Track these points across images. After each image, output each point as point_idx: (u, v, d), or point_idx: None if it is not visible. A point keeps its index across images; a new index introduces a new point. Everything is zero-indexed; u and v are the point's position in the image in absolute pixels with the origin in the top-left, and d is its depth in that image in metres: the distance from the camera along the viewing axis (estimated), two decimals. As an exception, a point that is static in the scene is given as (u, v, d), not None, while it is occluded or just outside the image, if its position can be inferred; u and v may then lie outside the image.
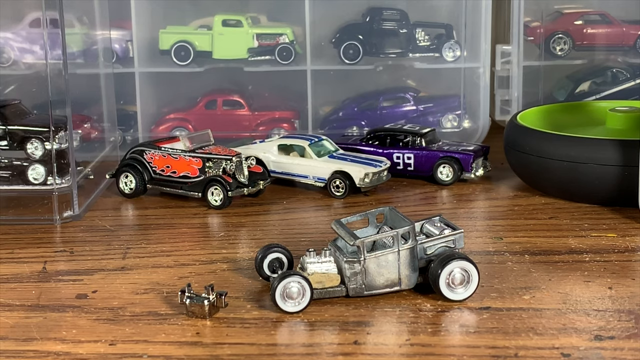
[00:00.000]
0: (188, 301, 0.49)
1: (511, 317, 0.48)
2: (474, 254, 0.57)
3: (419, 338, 0.46)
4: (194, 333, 0.47)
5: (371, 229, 0.55)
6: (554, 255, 0.59)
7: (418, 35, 0.90)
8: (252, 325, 0.48)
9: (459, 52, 0.90)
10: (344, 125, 0.91)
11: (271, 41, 0.89)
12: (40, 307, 0.52)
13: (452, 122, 0.92)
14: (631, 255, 0.58)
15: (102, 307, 0.51)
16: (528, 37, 0.93)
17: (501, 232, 0.64)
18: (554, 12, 0.94)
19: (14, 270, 0.58)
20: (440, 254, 0.51)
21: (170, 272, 0.57)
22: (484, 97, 0.91)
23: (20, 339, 0.47)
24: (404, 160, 0.79)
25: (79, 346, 0.46)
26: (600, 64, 0.93)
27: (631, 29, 0.92)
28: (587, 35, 0.93)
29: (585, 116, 0.81)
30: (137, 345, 0.46)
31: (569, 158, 0.68)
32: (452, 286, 0.50)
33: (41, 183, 0.68)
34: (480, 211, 0.72)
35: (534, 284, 0.53)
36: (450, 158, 0.78)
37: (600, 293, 0.52)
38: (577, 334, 0.46)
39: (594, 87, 0.92)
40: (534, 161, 0.71)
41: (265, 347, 0.45)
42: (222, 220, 0.69)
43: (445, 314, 0.49)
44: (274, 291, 0.49)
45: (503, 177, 0.79)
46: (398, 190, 0.77)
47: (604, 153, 0.67)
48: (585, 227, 0.65)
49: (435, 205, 0.73)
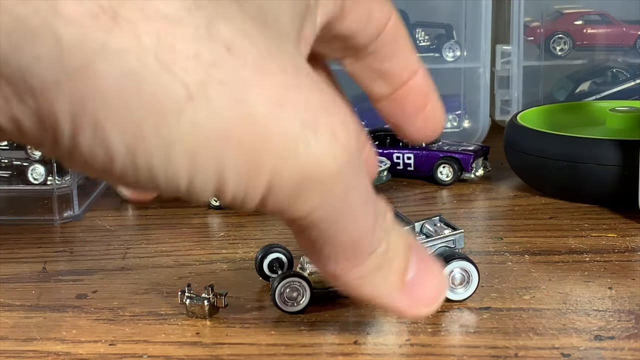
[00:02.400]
0: (188, 301, 0.49)
1: (511, 317, 0.48)
2: (474, 254, 0.57)
3: (419, 338, 0.46)
4: (194, 333, 0.47)
5: (371, 229, 0.55)
6: (554, 255, 0.59)
7: (418, 35, 0.90)
8: (252, 325, 0.48)
9: (458, 52, 0.90)
10: (344, 125, 0.91)
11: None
12: (40, 307, 0.52)
13: (452, 122, 0.91)
14: (631, 255, 0.58)
15: (102, 307, 0.51)
16: (528, 37, 0.93)
17: (501, 232, 0.64)
18: (554, 12, 0.94)
19: (14, 270, 0.58)
20: (441, 254, 0.51)
21: (170, 272, 0.57)
22: (484, 97, 0.90)
23: (20, 339, 0.47)
24: (404, 160, 0.79)
25: (79, 346, 0.46)
26: (600, 64, 0.93)
27: (631, 29, 0.92)
28: (587, 35, 0.93)
29: (585, 116, 0.81)
30: (137, 345, 0.46)
31: (569, 158, 0.68)
32: (452, 286, 0.50)
33: (41, 183, 0.68)
34: (480, 211, 0.72)
35: (534, 284, 0.53)
36: (450, 158, 0.78)
37: (601, 293, 0.52)
38: (577, 334, 0.46)
39: (594, 87, 0.92)
40: (534, 161, 0.71)
41: (265, 347, 0.45)
42: (222, 220, 0.69)
43: (445, 314, 0.49)
44: (273, 291, 0.49)
45: (503, 177, 0.79)
46: (398, 190, 0.77)
47: (604, 153, 0.67)
48: (585, 227, 0.65)
49: (435, 205, 0.73)
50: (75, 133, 0.30)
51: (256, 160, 0.32)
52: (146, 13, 0.29)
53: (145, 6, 0.29)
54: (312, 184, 0.34)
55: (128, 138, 0.30)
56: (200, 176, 0.32)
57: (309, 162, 0.33)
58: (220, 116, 0.31)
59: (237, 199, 0.33)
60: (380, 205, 0.39)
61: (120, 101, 0.29)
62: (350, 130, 0.34)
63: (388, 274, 0.40)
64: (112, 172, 0.31)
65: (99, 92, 0.29)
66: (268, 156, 0.32)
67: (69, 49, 0.28)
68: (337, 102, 0.34)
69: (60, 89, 0.29)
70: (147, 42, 0.29)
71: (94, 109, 0.29)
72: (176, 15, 0.30)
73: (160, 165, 0.31)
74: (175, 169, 0.31)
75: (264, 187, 0.33)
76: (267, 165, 0.33)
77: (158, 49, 0.29)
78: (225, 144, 0.31)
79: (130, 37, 0.29)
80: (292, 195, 0.34)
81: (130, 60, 0.29)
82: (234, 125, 0.31)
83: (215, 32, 0.31)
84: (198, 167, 0.32)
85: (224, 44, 0.31)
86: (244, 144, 0.32)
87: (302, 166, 0.33)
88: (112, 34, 0.29)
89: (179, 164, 0.31)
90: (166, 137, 0.30)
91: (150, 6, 0.29)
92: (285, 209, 0.35)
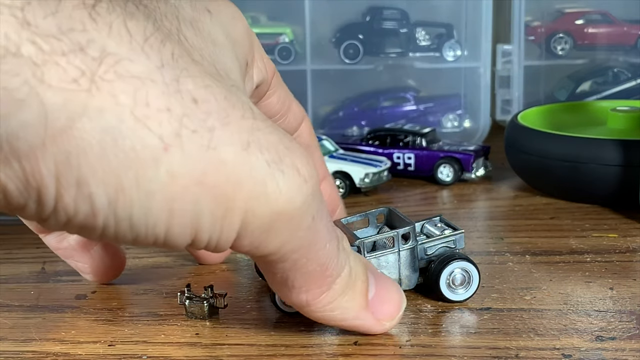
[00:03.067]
0: (187, 302, 0.49)
1: (512, 317, 0.48)
2: (474, 255, 0.57)
3: (419, 339, 0.45)
4: (193, 334, 0.47)
5: (371, 230, 0.55)
6: (555, 255, 0.58)
7: (418, 34, 0.90)
8: (252, 326, 0.48)
9: (459, 52, 0.90)
10: (344, 125, 0.91)
11: (271, 40, 0.89)
12: (39, 308, 0.51)
13: (452, 122, 0.91)
14: (632, 255, 0.58)
15: (101, 307, 0.51)
16: (529, 36, 0.93)
17: (502, 233, 0.64)
18: (555, 12, 0.94)
19: (13, 270, 0.58)
20: (441, 255, 0.51)
21: (169, 272, 0.57)
22: (484, 97, 0.90)
23: (19, 339, 0.47)
24: (405, 160, 0.79)
25: (78, 347, 0.46)
26: (601, 63, 0.93)
27: (632, 29, 0.92)
28: (588, 35, 0.92)
29: (586, 116, 0.81)
30: (137, 346, 0.46)
31: (570, 158, 0.68)
32: (452, 287, 0.50)
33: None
34: (481, 211, 0.72)
35: (535, 285, 0.53)
36: (450, 158, 0.78)
37: (602, 294, 0.51)
38: (578, 335, 0.45)
39: (595, 86, 0.92)
40: (534, 161, 0.71)
41: (265, 348, 0.45)
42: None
43: (446, 315, 0.49)
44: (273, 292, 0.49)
45: (504, 177, 0.79)
46: (398, 191, 0.77)
47: (605, 153, 0.67)
48: (587, 228, 0.64)
49: (435, 206, 0.73)
50: (60, 190, 0.32)
51: (230, 202, 0.35)
52: (119, 74, 0.32)
53: (118, 68, 0.32)
54: (284, 219, 0.37)
55: (110, 190, 0.32)
56: (178, 221, 0.34)
57: (279, 199, 0.36)
58: (194, 163, 0.33)
59: (213, 240, 0.36)
60: (338, 230, 0.42)
61: (101, 156, 0.31)
62: (309, 163, 0.37)
63: (354, 296, 0.43)
64: (94, 227, 0.33)
65: (81, 149, 0.31)
66: (240, 197, 0.35)
67: (52, 113, 0.30)
68: (292, 139, 0.38)
69: (45, 150, 0.31)
70: (123, 100, 0.32)
71: (77, 165, 0.31)
72: (147, 74, 0.32)
73: (141, 214, 0.33)
74: (155, 216, 0.33)
75: (238, 227, 0.36)
76: (240, 206, 0.35)
77: (134, 106, 0.32)
78: (200, 189, 0.34)
79: (108, 97, 0.31)
80: (265, 231, 0.37)
81: (109, 118, 0.31)
82: (207, 171, 0.34)
83: (183, 87, 0.33)
84: (176, 212, 0.34)
85: (191, 98, 0.34)
86: (218, 188, 0.34)
87: (273, 203, 0.36)
88: (91, 95, 0.31)
89: (158, 211, 0.33)
90: (146, 188, 0.33)
91: (121, 67, 0.32)
92: (259, 245, 0.37)
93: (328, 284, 0.41)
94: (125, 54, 0.32)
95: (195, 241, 0.35)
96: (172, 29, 0.35)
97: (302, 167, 0.37)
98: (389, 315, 0.45)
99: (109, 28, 0.32)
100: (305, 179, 0.37)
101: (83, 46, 0.31)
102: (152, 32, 0.33)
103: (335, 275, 0.41)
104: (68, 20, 0.31)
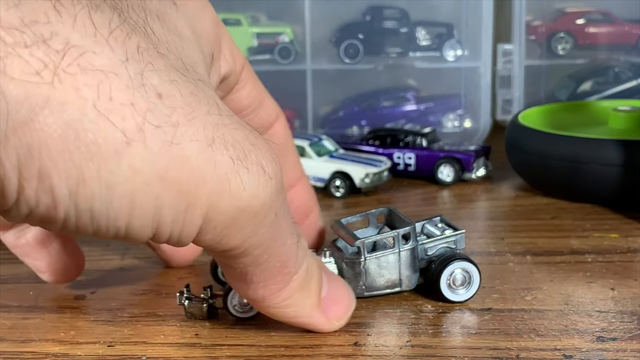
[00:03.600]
0: (187, 302, 0.49)
1: (513, 318, 0.48)
2: (475, 255, 0.57)
3: (419, 339, 0.45)
4: (192, 334, 0.47)
5: (372, 230, 0.55)
6: (556, 255, 0.58)
7: (419, 34, 0.90)
8: (252, 326, 0.47)
9: (459, 52, 0.90)
10: (344, 125, 0.90)
11: (271, 40, 0.89)
12: (38, 308, 0.51)
13: (453, 121, 0.91)
14: (634, 255, 0.58)
15: (100, 308, 0.51)
16: (529, 36, 0.93)
17: (503, 233, 0.64)
18: (555, 11, 0.93)
19: (12, 270, 0.58)
20: (441, 255, 0.51)
21: (169, 272, 0.57)
22: (485, 96, 0.90)
23: (18, 340, 0.47)
24: (405, 160, 0.79)
25: (77, 347, 0.46)
26: (602, 63, 0.93)
27: (633, 28, 0.92)
28: (589, 35, 0.92)
29: (587, 116, 0.81)
30: (136, 346, 0.46)
31: (571, 158, 0.68)
32: (453, 287, 0.50)
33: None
34: (482, 211, 0.72)
35: (536, 285, 0.53)
36: (451, 158, 0.78)
37: (603, 294, 0.51)
38: (579, 335, 0.45)
39: (596, 86, 0.92)
40: (535, 161, 0.71)
41: (265, 349, 0.45)
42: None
43: (447, 315, 0.48)
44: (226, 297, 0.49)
45: (504, 177, 0.79)
46: (399, 191, 0.77)
47: (606, 153, 0.67)
48: (588, 228, 0.64)
49: (436, 206, 0.73)
50: (22, 182, 0.32)
51: (193, 198, 0.35)
52: (83, 67, 0.31)
53: (81, 61, 0.31)
54: (247, 215, 0.37)
55: (71, 183, 0.32)
56: (139, 214, 0.34)
57: (243, 196, 0.36)
58: (157, 159, 0.33)
59: (174, 234, 0.36)
60: (297, 227, 0.42)
61: (63, 149, 0.31)
62: (274, 160, 0.37)
63: (309, 294, 0.43)
64: (55, 218, 0.33)
65: (43, 142, 0.31)
66: (203, 193, 0.35)
67: (14, 105, 0.30)
68: (258, 136, 0.37)
69: (7, 143, 0.31)
70: (86, 93, 0.31)
71: (39, 158, 0.31)
72: (111, 68, 0.32)
73: (102, 207, 0.33)
74: (116, 210, 0.33)
75: (201, 222, 0.36)
76: (203, 202, 0.35)
77: (96, 99, 0.32)
78: (162, 184, 0.34)
79: (71, 90, 0.31)
80: (227, 227, 0.36)
81: (72, 111, 0.31)
82: (170, 167, 0.34)
83: (147, 81, 0.33)
84: (137, 206, 0.34)
85: (155, 92, 0.33)
86: (180, 183, 0.34)
87: (236, 200, 0.36)
88: (53, 88, 0.31)
89: (119, 204, 0.33)
90: (107, 181, 0.32)
91: (85, 60, 0.32)
92: (221, 240, 0.37)
93: (286, 281, 0.42)
94: (90, 46, 0.32)
95: (157, 235, 0.35)
96: (139, 21, 0.35)
97: (267, 164, 0.37)
98: (339, 315, 0.46)
99: (73, 20, 0.32)
100: (270, 176, 0.37)
101: (46, 38, 0.31)
102: (118, 25, 0.33)
103: (293, 272, 0.42)
104: (31, 12, 0.31)
